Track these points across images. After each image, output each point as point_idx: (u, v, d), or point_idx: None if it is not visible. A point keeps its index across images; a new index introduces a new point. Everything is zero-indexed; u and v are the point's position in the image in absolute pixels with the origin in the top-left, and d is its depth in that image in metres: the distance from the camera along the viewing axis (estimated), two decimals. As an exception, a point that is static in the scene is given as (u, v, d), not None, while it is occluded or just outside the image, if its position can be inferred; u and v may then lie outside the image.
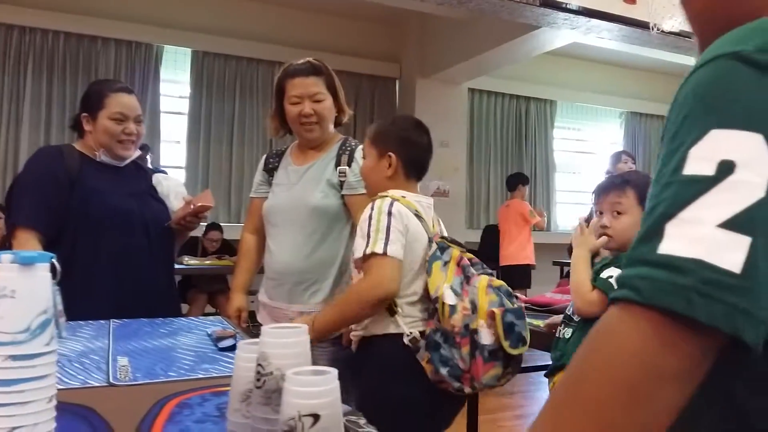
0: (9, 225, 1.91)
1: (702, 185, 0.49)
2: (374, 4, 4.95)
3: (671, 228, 0.49)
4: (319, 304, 1.83)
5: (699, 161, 0.50)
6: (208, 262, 4.90)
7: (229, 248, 5.02)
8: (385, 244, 1.48)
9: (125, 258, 1.83)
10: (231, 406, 0.83)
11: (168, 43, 5.90)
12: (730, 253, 0.47)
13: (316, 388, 0.65)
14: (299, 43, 5.99)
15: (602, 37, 5.10)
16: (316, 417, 0.64)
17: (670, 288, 0.47)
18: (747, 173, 0.48)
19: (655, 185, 0.54)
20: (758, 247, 0.48)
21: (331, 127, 1.94)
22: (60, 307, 0.74)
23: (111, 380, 1.13)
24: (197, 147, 5.98)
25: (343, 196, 1.87)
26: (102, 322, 1.69)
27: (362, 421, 0.85)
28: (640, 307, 0.49)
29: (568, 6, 4.47)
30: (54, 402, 0.73)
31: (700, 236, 0.48)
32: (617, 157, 4.32)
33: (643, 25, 4.64)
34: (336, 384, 0.67)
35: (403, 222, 1.55)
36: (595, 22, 4.67)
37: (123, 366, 1.22)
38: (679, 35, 4.66)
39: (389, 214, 1.53)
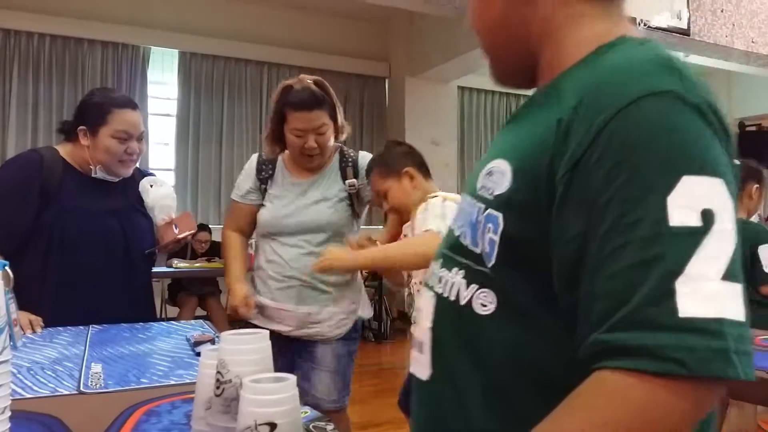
0: None
1: (695, 237, 0.49)
2: (362, 2, 4.92)
3: (682, 286, 0.48)
4: (326, 300, 1.85)
5: (682, 211, 0.50)
6: (197, 264, 4.85)
7: (218, 250, 4.95)
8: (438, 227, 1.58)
9: (102, 273, 1.77)
10: (195, 414, 0.81)
11: (155, 45, 5.85)
12: (734, 303, 0.49)
13: (272, 396, 0.63)
14: (287, 42, 5.95)
15: (590, 33, 5.09)
16: (272, 426, 0.62)
17: (712, 355, 0.47)
18: (724, 221, 0.50)
19: (626, 231, 0.51)
20: (744, 291, 0.50)
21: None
22: (14, 315, 0.72)
23: (81, 388, 1.11)
24: (186, 149, 5.94)
25: (351, 207, 1.91)
26: (81, 327, 1.66)
27: (330, 426, 0.84)
28: (686, 380, 0.47)
29: (554, 2, 4.45)
30: (8, 413, 0.72)
31: (711, 293, 0.48)
32: None
33: (630, 21, 4.62)
34: (294, 391, 0.65)
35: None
36: (582, 18, 4.65)
37: (95, 373, 1.20)
38: (667, 31, 4.65)
39: (443, 206, 1.65)
